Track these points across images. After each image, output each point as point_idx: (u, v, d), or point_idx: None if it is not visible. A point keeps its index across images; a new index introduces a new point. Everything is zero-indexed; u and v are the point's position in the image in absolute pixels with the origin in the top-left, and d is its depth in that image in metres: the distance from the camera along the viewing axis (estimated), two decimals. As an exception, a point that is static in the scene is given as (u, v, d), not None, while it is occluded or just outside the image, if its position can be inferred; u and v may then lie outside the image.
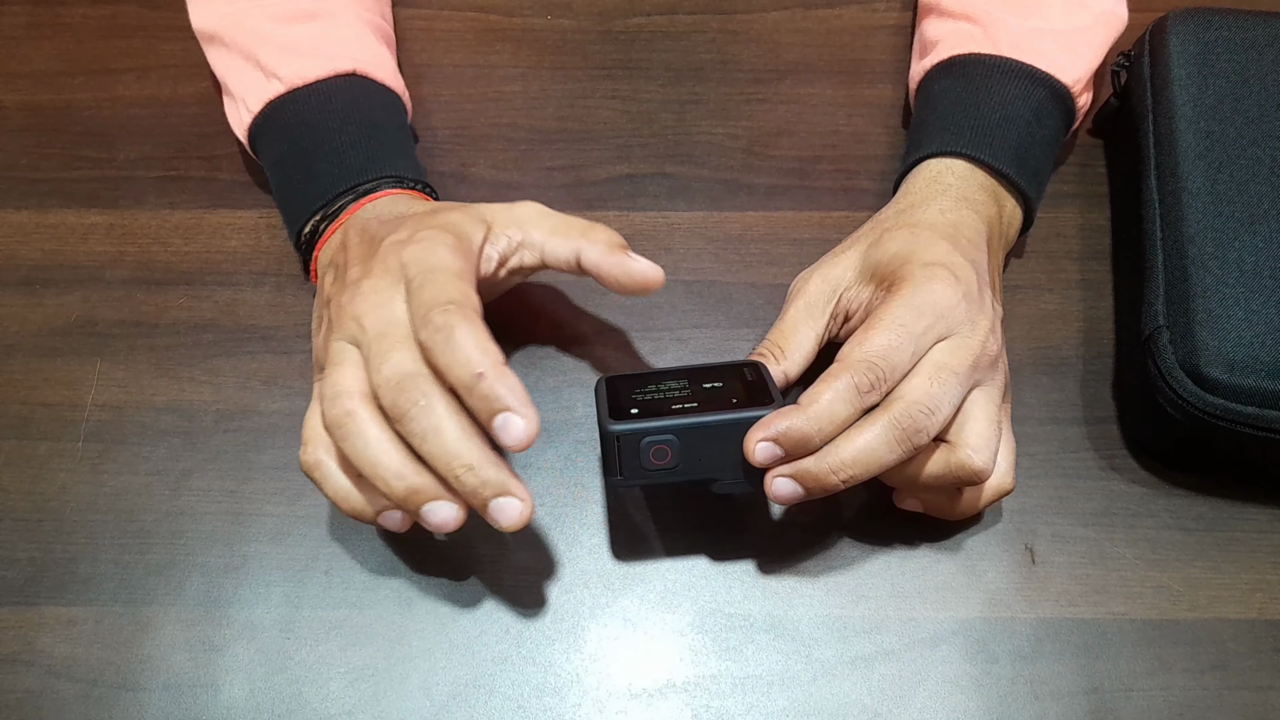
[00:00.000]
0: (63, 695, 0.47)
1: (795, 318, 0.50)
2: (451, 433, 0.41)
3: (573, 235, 0.48)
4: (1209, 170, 0.52)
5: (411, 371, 0.42)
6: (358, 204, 0.51)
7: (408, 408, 0.41)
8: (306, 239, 0.52)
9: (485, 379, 0.41)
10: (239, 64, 0.55)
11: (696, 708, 0.47)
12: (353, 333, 0.44)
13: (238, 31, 0.55)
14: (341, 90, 0.54)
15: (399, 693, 0.47)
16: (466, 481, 0.41)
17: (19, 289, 0.57)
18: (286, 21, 0.55)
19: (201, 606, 0.49)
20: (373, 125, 0.54)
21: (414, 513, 0.43)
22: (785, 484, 0.44)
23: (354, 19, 0.57)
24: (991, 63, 0.54)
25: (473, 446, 0.41)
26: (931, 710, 0.47)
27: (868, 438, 0.43)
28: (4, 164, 0.61)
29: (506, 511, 0.42)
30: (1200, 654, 0.48)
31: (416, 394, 0.41)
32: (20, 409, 0.54)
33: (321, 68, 0.54)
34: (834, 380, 0.43)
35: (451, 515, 0.43)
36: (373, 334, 0.43)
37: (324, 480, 0.45)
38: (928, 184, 0.52)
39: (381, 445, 0.42)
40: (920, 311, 0.45)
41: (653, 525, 0.51)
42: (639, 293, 0.48)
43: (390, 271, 0.44)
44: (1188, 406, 0.48)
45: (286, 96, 0.54)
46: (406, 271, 0.44)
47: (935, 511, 0.49)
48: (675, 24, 0.66)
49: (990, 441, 0.45)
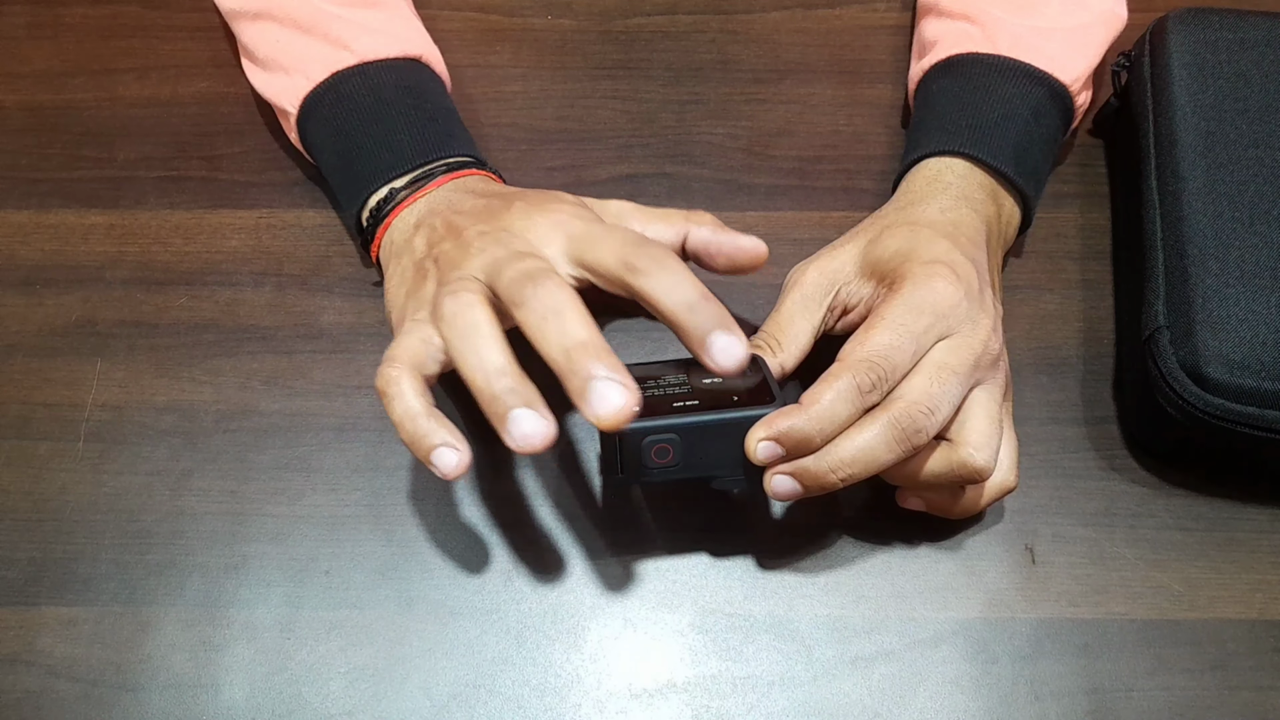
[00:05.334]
0: (63, 695, 0.47)
1: (791, 310, 0.50)
2: (574, 315, 0.40)
3: (675, 220, 0.49)
4: (1209, 170, 0.52)
5: (545, 268, 0.42)
6: (446, 177, 0.51)
7: (533, 290, 0.41)
8: (377, 207, 0.51)
9: (708, 299, 0.41)
10: (296, 37, 0.55)
11: (696, 708, 0.47)
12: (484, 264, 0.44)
13: (293, 8, 0.55)
14: (412, 71, 0.55)
15: (399, 693, 0.47)
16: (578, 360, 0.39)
17: (19, 289, 0.57)
18: (347, 5, 0.56)
19: (201, 606, 0.49)
20: (445, 110, 0.55)
21: (501, 416, 0.40)
22: (785, 482, 0.44)
23: (410, 13, 0.59)
24: (990, 62, 0.54)
25: (591, 330, 0.40)
26: (931, 710, 0.47)
27: (867, 437, 0.43)
28: (4, 164, 0.61)
29: (609, 398, 0.39)
30: (1200, 654, 0.48)
31: (546, 281, 0.41)
32: (20, 409, 0.54)
33: (395, 47, 0.55)
34: (835, 380, 0.43)
35: (538, 428, 0.40)
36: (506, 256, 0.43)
37: (397, 396, 0.43)
38: (927, 183, 0.52)
39: (493, 340, 0.41)
40: (921, 310, 0.45)
41: (653, 525, 0.51)
42: (749, 267, 0.48)
43: (535, 226, 0.46)
44: (1188, 406, 0.48)
45: (356, 69, 0.54)
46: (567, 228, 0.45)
47: (938, 510, 0.49)
48: (675, 24, 0.66)
49: (991, 440, 0.45)
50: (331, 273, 0.57)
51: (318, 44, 0.55)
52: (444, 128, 0.53)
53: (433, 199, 0.50)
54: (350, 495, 0.51)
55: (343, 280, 0.57)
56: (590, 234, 0.44)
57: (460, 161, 0.52)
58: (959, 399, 0.45)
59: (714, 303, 0.41)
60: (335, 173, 0.54)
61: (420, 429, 0.42)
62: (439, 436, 0.42)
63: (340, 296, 0.57)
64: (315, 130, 0.55)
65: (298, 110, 0.55)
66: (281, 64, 0.56)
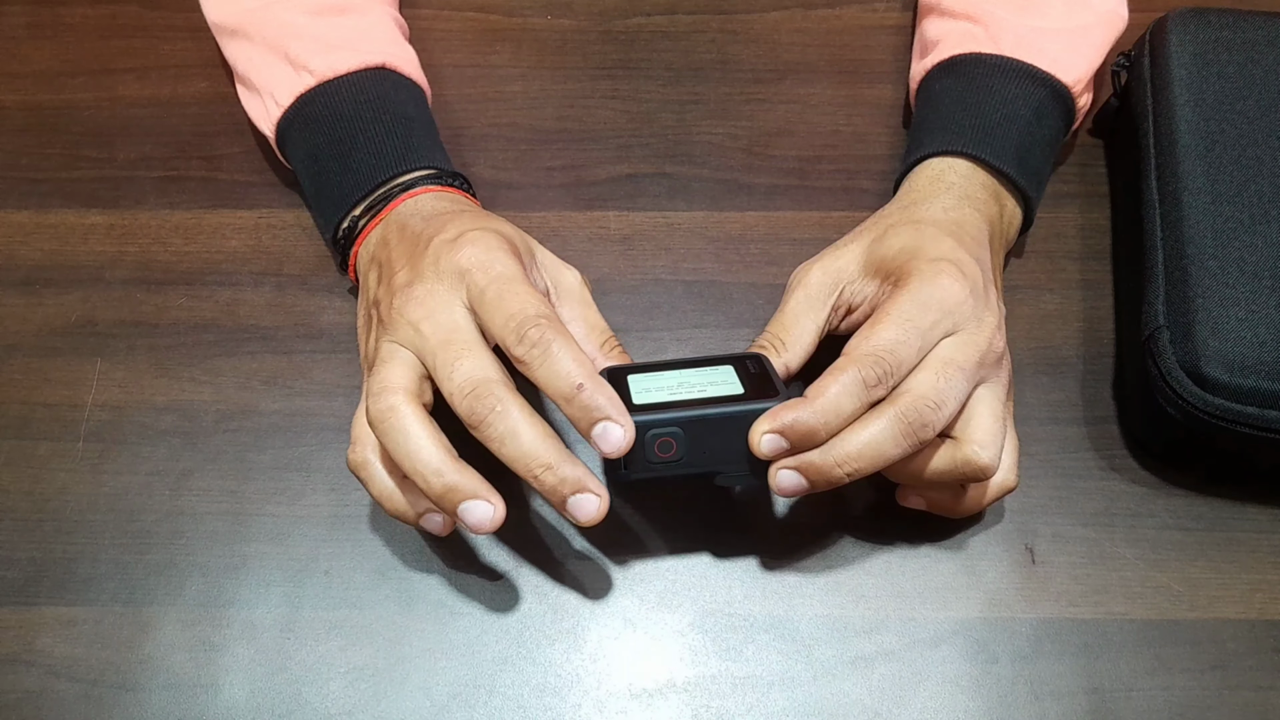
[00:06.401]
0: (63, 695, 0.47)
1: (796, 309, 0.50)
2: (528, 434, 0.42)
3: (592, 338, 0.49)
4: (1209, 170, 0.52)
5: (484, 377, 0.43)
6: (397, 200, 0.51)
7: (485, 414, 0.42)
8: (344, 235, 0.52)
9: (585, 390, 0.42)
10: (265, 58, 0.55)
11: (696, 708, 0.47)
12: (408, 337, 0.44)
13: (264, 25, 0.55)
14: (373, 83, 0.54)
15: (399, 693, 0.47)
16: (546, 480, 0.42)
17: (19, 289, 0.57)
18: (314, 14, 0.56)
19: (201, 606, 0.49)
20: (406, 118, 0.54)
21: (451, 511, 0.43)
22: (790, 476, 0.44)
23: (382, 14, 0.58)
24: (993, 62, 0.54)
25: (550, 446, 0.42)
26: (931, 710, 0.47)
27: (873, 431, 0.43)
28: (4, 164, 0.61)
29: (584, 507, 0.42)
30: (1200, 654, 0.48)
31: (492, 400, 0.42)
32: (20, 409, 0.54)
33: (352, 60, 0.54)
34: (841, 374, 0.43)
35: (488, 515, 0.43)
36: (435, 342, 0.44)
37: (369, 480, 0.46)
38: (930, 182, 0.52)
39: (421, 442, 0.43)
40: (927, 306, 0.45)
41: (653, 525, 0.51)
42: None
43: (444, 275, 0.45)
44: (1188, 406, 0.48)
45: (318, 89, 0.53)
46: (471, 277, 0.44)
47: (939, 509, 0.49)
48: (675, 24, 0.66)
49: (996, 438, 0.45)
50: (331, 273, 0.57)
51: (281, 65, 0.55)
52: (402, 141, 0.53)
53: (385, 226, 0.50)
54: (350, 495, 0.51)
55: (343, 280, 0.57)
56: (484, 300, 0.44)
57: (416, 179, 0.52)
58: (965, 395, 0.45)
59: (592, 389, 0.42)
60: (311, 197, 0.55)
61: (400, 505, 0.46)
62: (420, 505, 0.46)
63: (340, 296, 0.57)
64: (292, 155, 0.55)
65: (274, 136, 0.56)
66: (255, 84, 0.56)
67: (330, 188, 0.53)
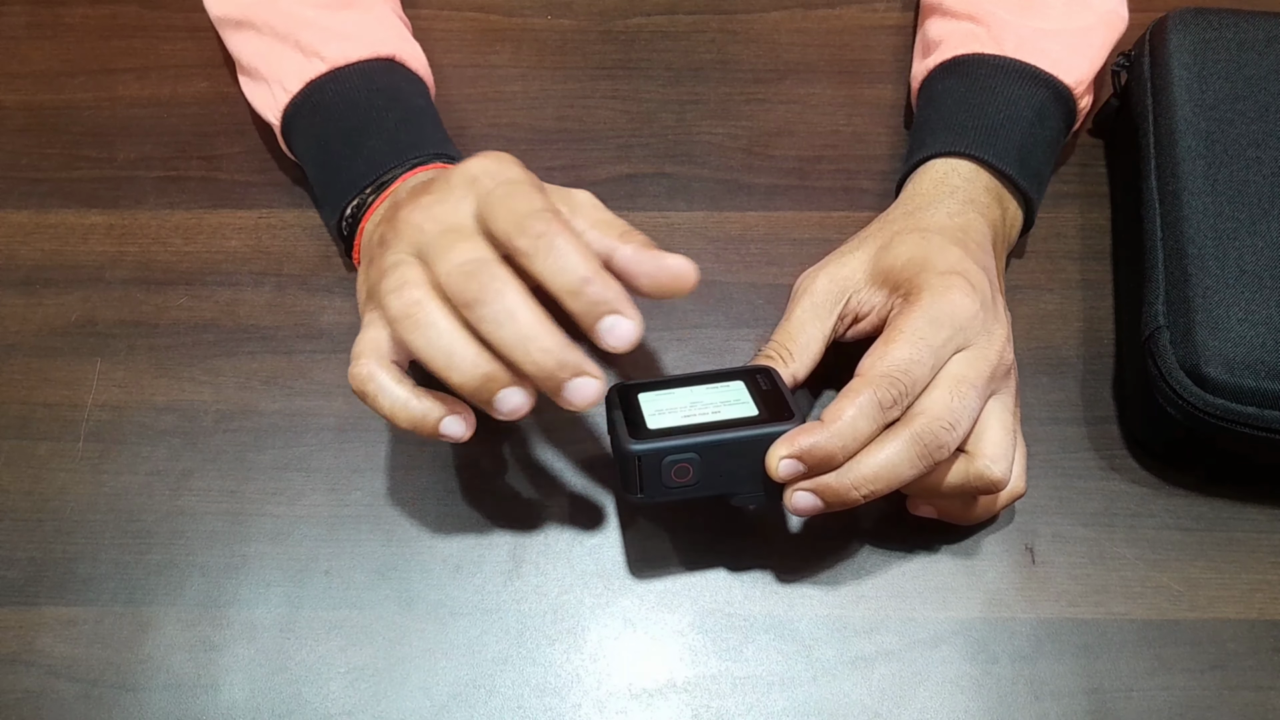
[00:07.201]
0: (63, 695, 0.47)
1: (802, 318, 0.49)
2: (526, 316, 0.40)
3: (610, 234, 0.46)
4: (1209, 170, 0.52)
5: (482, 258, 0.41)
6: (408, 174, 0.51)
7: (478, 292, 0.40)
8: (350, 217, 0.52)
9: (592, 283, 0.40)
10: (273, 47, 0.55)
11: (696, 708, 0.47)
12: (413, 239, 0.43)
13: (271, 16, 0.56)
14: (384, 73, 0.54)
15: (399, 693, 0.47)
16: (544, 363, 0.40)
17: (19, 289, 0.57)
18: (322, 8, 0.56)
19: (201, 606, 0.49)
20: (417, 109, 0.54)
21: (486, 401, 0.41)
22: (806, 497, 0.44)
23: (389, 12, 0.58)
24: (995, 63, 0.54)
25: (548, 328, 0.40)
26: (931, 710, 0.47)
27: (889, 453, 0.43)
28: (4, 164, 0.61)
29: (583, 391, 0.40)
30: (1200, 654, 0.48)
31: (487, 278, 0.40)
32: (20, 409, 0.54)
33: (364, 50, 0.54)
34: (857, 396, 0.43)
35: (524, 401, 0.41)
36: (435, 232, 0.42)
37: (379, 392, 0.43)
38: (934, 185, 0.52)
39: (455, 333, 0.41)
40: (940, 323, 0.45)
41: (653, 526, 0.51)
42: (674, 291, 0.44)
43: (454, 186, 0.43)
44: (1188, 406, 0.48)
45: (329, 76, 0.54)
46: (479, 184, 0.42)
47: (950, 518, 0.49)
48: (675, 24, 0.66)
49: (1008, 451, 0.45)
50: (331, 273, 0.57)
51: (291, 53, 0.55)
52: (415, 130, 0.53)
53: (394, 194, 0.49)
54: (350, 495, 0.51)
55: (343, 280, 0.57)
56: (490, 200, 0.42)
57: (426, 159, 0.52)
58: (977, 412, 0.45)
59: (600, 283, 0.40)
60: (318, 184, 0.55)
61: (416, 412, 0.43)
62: (438, 411, 0.43)
63: (340, 296, 0.57)
64: (298, 142, 0.55)
65: (280, 123, 0.55)
66: (262, 73, 0.56)
67: (340, 173, 0.52)
